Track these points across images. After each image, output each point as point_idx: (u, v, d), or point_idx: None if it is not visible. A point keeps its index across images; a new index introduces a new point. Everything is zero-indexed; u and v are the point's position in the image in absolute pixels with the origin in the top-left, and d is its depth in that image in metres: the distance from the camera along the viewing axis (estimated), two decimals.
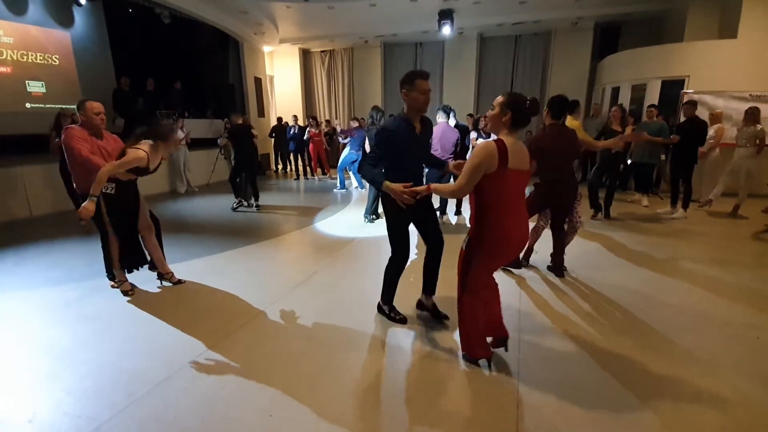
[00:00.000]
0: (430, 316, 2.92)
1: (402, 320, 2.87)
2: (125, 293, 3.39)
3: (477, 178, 2.09)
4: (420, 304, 2.98)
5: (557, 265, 3.72)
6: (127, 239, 3.33)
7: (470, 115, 8.92)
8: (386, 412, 2.00)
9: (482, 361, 2.35)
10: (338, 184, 8.68)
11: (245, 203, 6.79)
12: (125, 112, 8.43)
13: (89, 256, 4.20)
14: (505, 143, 2.06)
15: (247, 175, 6.70)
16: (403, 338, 2.69)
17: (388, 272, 2.83)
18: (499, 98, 2.15)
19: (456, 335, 2.62)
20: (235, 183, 6.74)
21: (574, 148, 3.56)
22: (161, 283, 3.59)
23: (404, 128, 2.55)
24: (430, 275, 2.86)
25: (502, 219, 2.15)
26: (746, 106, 6.28)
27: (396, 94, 12.50)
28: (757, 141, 5.71)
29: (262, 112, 11.91)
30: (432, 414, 1.98)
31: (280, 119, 10.87)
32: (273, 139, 10.89)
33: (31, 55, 7.95)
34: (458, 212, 6.10)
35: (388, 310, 2.92)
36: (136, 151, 3.09)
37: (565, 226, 3.73)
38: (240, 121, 6.61)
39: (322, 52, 12.79)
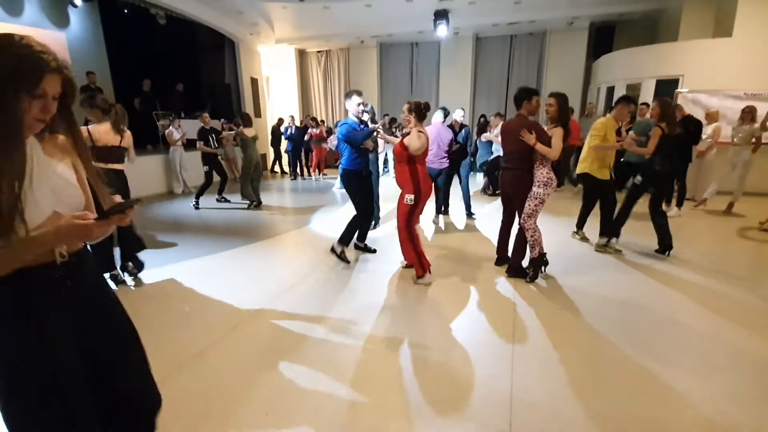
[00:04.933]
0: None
1: (347, 261, 4.04)
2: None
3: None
4: (355, 246, 4.37)
5: (511, 266, 3.70)
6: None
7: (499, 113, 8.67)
8: (380, 411, 2.01)
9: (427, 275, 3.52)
10: (338, 183, 8.72)
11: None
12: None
13: None
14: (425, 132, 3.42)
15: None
16: (396, 335, 2.70)
17: (353, 225, 4.03)
18: (405, 106, 3.47)
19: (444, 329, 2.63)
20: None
21: (520, 140, 3.38)
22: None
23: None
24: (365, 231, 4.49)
25: (425, 180, 3.45)
26: (741, 104, 6.33)
27: (392, 95, 12.60)
28: (753, 139, 5.76)
29: (258, 112, 11.90)
30: (426, 411, 2.00)
31: (281, 120, 10.90)
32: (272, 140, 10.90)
33: None
34: (446, 212, 6.04)
35: (340, 251, 4.04)
36: None
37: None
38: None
39: (318, 52, 12.80)
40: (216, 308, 3.16)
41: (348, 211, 6.60)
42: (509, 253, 3.81)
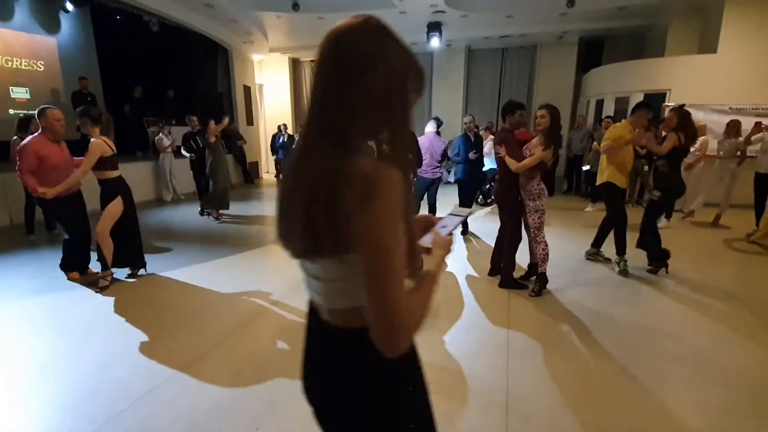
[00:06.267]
0: None
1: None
2: (104, 288, 3.59)
3: None
4: None
5: (502, 278, 3.73)
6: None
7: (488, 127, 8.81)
8: None
9: None
10: None
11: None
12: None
13: None
14: None
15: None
16: None
17: None
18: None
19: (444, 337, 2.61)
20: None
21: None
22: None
23: None
24: None
25: None
26: (726, 118, 6.47)
27: None
28: (738, 153, 5.87)
29: (251, 120, 11.88)
30: None
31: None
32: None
33: (16, 61, 7.82)
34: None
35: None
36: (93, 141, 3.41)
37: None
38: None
39: (311, 61, 12.81)
40: (206, 319, 3.10)
41: None
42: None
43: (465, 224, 5.78)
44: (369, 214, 0.67)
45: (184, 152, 7.06)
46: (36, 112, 3.48)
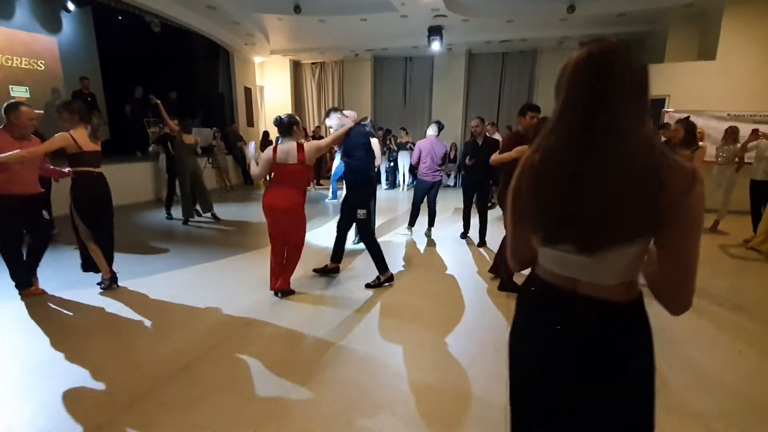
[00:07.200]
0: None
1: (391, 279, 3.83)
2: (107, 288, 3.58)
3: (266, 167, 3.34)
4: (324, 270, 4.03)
5: (501, 281, 3.72)
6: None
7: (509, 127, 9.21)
8: (372, 429, 1.97)
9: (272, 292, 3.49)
10: (330, 195, 8.66)
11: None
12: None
13: (68, 265, 4.09)
14: (277, 147, 3.29)
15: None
16: (387, 350, 2.67)
17: (375, 246, 3.69)
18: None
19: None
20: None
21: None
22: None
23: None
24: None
25: (266, 193, 3.33)
26: (724, 125, 6.50)
27: (386, 106, 12.69)
28: (737, 159, 5.90)
29: (251, 122, 11.91)
30: (421, 428, 1.96)
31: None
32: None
33: (16, 60, 7.81)
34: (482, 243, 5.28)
35: (384, 279, 3.77)
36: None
37: None
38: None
39: (312, 64, 12.87)
40: (204, 321, 3.09)
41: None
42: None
43: (482, 236, 5.38)
44: (694, 198, 0.83)
45: (152, 151, 7.28)
46: (5, 105, 3.24)
